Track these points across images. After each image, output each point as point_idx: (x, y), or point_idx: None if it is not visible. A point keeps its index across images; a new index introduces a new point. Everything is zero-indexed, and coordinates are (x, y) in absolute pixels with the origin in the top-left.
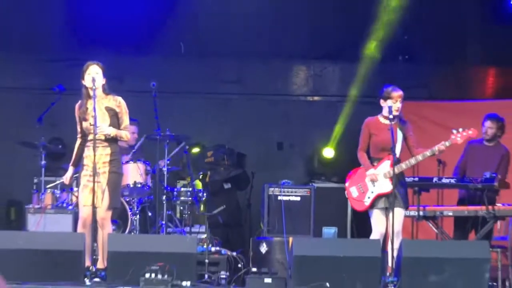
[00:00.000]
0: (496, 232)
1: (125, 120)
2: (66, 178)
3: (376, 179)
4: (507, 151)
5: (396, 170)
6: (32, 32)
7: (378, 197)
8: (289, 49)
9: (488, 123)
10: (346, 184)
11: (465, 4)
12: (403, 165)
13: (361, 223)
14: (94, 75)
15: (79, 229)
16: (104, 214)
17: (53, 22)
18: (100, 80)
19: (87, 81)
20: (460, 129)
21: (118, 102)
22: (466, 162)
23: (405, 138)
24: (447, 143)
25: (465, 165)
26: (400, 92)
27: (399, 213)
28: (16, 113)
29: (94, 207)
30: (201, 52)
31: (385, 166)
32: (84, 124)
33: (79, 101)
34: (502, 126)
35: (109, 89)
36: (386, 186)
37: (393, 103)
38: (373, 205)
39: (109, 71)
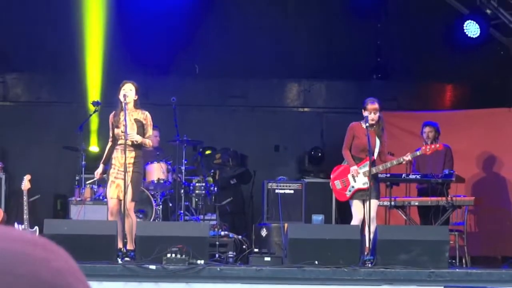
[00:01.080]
0: (453, 218)
1: (149, 131)
2: (97, 173)
3: (357, 175)
4: (448, 147)
5: (375, 170)
6: (75, 56)
7: (357, 191)
8: (284, 70)
9: (427, 129)
10: (332, 177)
11: (428, 32)
12: (380, 167)
13: (343, 212)
14: (127, 91)
15: (109, 217)
16: (128, 205)
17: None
18: (132, 96)
19: (120, 96)
20: (429, 142)
21: (145, 116)
22: (418, 166)
23: (380, 144)
24: (417, 153)
25: (418, 169)
26: (375, 105)
27: (373, 203)
28: (61, 122)
29: (124, 200)
30: (211, 72)
31: (365, 166)
32: (116, 130)
33: (114, 111)
34: (437, 129)
35: (139, 104)
36: (364, 182)
37: (368, 113)
38: (353, 197)
39: (140, 88)
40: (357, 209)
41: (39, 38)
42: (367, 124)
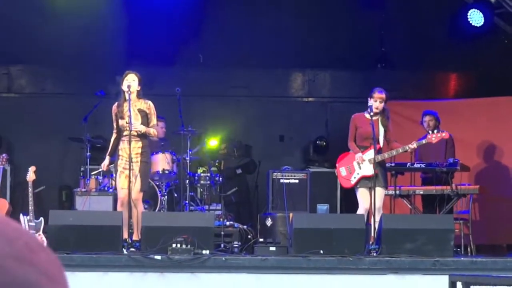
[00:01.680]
0: (458, 207)
1: (153, 120)
2: (104, 165)
3: (362, 161)
4: (450, 136)
5: (380, 158)
6: (81, 49)
7: (363, 178)
8: (288, 59)
9: (427, 118)
10: (337, 165)
11: (431, 21)
12: (386, 155)
13: (348, 201)
14: (130, 82)
15: (119, 207)
16: (137, 195)
17: (98, 41)
18: (135, 87)
19: (124, 86)
20: (435, 131)
21: (148, 105)
22: (421, 156)
23: (384, 132)
24: (423, 141)
25: (421, 158)
26: (382, 95)
27: (380, 192)
28: (66, 113)
29: (129, 191)
30: (216, 63)
31: (371, 153)
32: (120, 121)
33: (117, 102)
34: (437, 118)
35: (142, 94)
36: (369, 170)
37: (374, 101)
38: (358, 184)
39: (142, 78)
40: (363, 197)
41: (43, 29)
42: (372, 113)
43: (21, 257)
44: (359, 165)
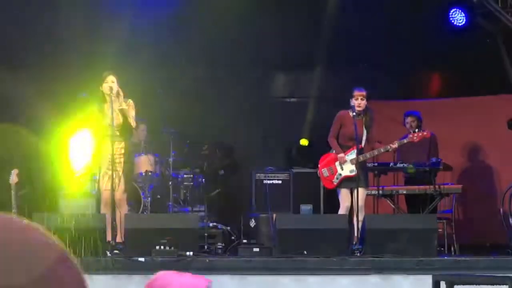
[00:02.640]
0: (441, 206)
1: (132, 112)
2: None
3: (344, 162)
4: (433, 135)
5: (362, 158)
6: (62, 50)
7: (345, 179)
8: (270, 60)
9: (409, 119)
10: (319, 165)
11: (413, 20)
12: (367, 155)
13: (332, 201)
14: (110, 84)
15: (102, 209)
16: (121, 196)
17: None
18: (115, 87)
19: (105, 88)
20: (416, 130)
21: (128, 103)
22: (403, 156)
23: (367, 133)
24: (404, 141)
25: (403, 158)
26: (361, 92)
27: (361, 191)
28: (49, 115)
29: (113, 192)
30: (197, 64)
31: (353, 154)
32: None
33: (96, 104)
34: (419, 118)
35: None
36: (351, 170)
37: (355, 100)
38: (340, 185)
39: (124, 80)
40: (343, 197)
41: (24, 31)
42: (354, 113)
43: (39, 277)
44: (341, 165)
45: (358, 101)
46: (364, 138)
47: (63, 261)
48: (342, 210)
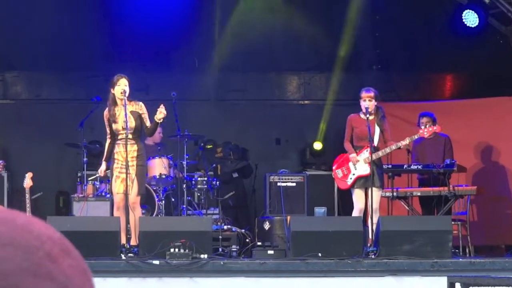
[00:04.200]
0: (456, 208)
1: (148, 119)
2: (101, 171)
3: (356, 162)
4: (447, 137)
5: (374, 157)
6: (76, 54)
7: (359, 178)
8: (283, 63)
9: (424, 119)
10: (333, 167)
11: (426, 22)
12: (380, 153)
13: (346, 203)
14: (123, 87)
15: (115, 213)
16: (134, 199)
17: (94, 46)
18: (128, 91)
19: (117, 92)
20: (427, 125)
21: (140, 106)
22: (418, 157)
23: (381, 132)
24: (415, 136)
25: (418, 159)
26: (369, 93)
27: (376, 193)
28: (63, 119)
29: (127, 195)
30: (211, 67)
31: (365, 153)
32: (114, 126)
33: (107, 107)
34: (434, 119)
35: (133, 96)
36: (365, 169)
37: (362, 101)
38: (354, 185)
39: (137, 83)
40: (358, 198)
41: (38, 35)
42: (368, 115)
43: (40, 272)
44: (354, 165)
45: (366, 103)
46: (377, 137)
47: (66, 254)
48: (356, 212)
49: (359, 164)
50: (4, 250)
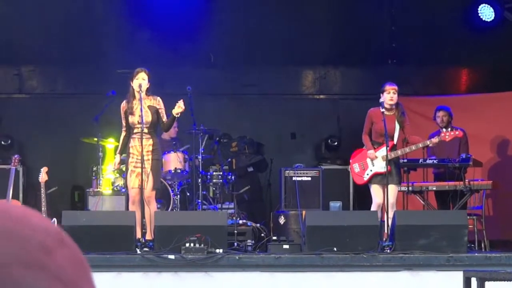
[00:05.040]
0: (471, 202)
1: (165, 114)
2: (114, 163)
3: (374, 158)
4: (463, 131)
5: (393, 155)
6: (92, 49)
7: (375, 175)
8: (299, 57)
9: (441, 113)
10: (350, 161)
11: (442, 16)
12: (399, 152)
13: (361, 198)
14: (141, 81)
15: (130, 207)
16: (149, 193)
17: (110, 41)
18: (145, 85)
19: (135, 85)
20: (449, 129)
21: (157, 101)
22: (434, 151)
23: (402, 128)
24: (437, 139)
25: (434, 153)
26: (393, 86)
27: (393, 188)
28: (78, 114)
29: (142, 190)
30: (226, 61)
31: (384, 150)
32: (131, 119)
33: (125, 100)
34: (450, 113)
35: (151, 91)
36: (382, 166)
37: (387, 94)
38: (371, 181)
39: (153, 77)
40: (376, 193)
41: (54, 29)
42: (383, 110)
43: (32, 262)
44: (372, 161)
45: (391, 95)
46: (396, 134)
47: (60, 244)
48: (374, 207)
49: (377, 161)
50: None
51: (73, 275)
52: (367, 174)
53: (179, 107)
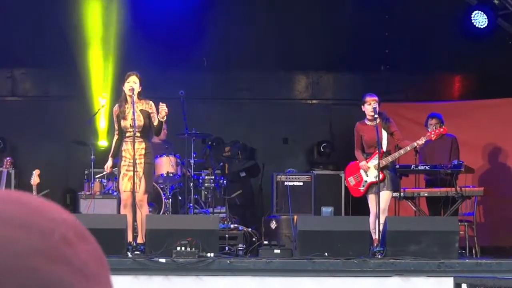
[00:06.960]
0: (463, 209)
1: (156, 118)
2: (107, 167)
3: (367, 169)
4: (454, 137)
5: (385, 162)
6: (83, 50)
7: (371, 185)
8: (292, 62)
9: (434, 121)
10: (345, 175)
11: (435, 22)
12: (389, 158)
13: (353, 203)
14: (132, 84)
15: (122, 210)
16: (141, 197)
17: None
18: (137, 88)
19: (126, 88)
20: (434, 128)
21: (150, 105)
22: (425, 158)
23: (390, 134)
24: (424, 139)
25: (425, 160)
26: (373, 97)
27: (386, 194)
28: (70, 117)
29: (134, 193)
30: (219, 66)
31: (375, 160)
32: (123, 123)
33: (117, 103)
34: (442, 121)
35: (143, 95)
36: (376, 175)
37: (367, 105)
38: (367, 191)
39: (146, 82)
40: (373, 203)
41: (47, 32)
42: (372, 119)
43: (55, 255)
44: (365, 172)
45: (372, 106)
46: (385, 141)
47: (81, 238)
48: (372, 217)
49: (370, 171)
50: (18, 231)
51: (95, 271)
52: (363, 186)
53: (162, 110)
